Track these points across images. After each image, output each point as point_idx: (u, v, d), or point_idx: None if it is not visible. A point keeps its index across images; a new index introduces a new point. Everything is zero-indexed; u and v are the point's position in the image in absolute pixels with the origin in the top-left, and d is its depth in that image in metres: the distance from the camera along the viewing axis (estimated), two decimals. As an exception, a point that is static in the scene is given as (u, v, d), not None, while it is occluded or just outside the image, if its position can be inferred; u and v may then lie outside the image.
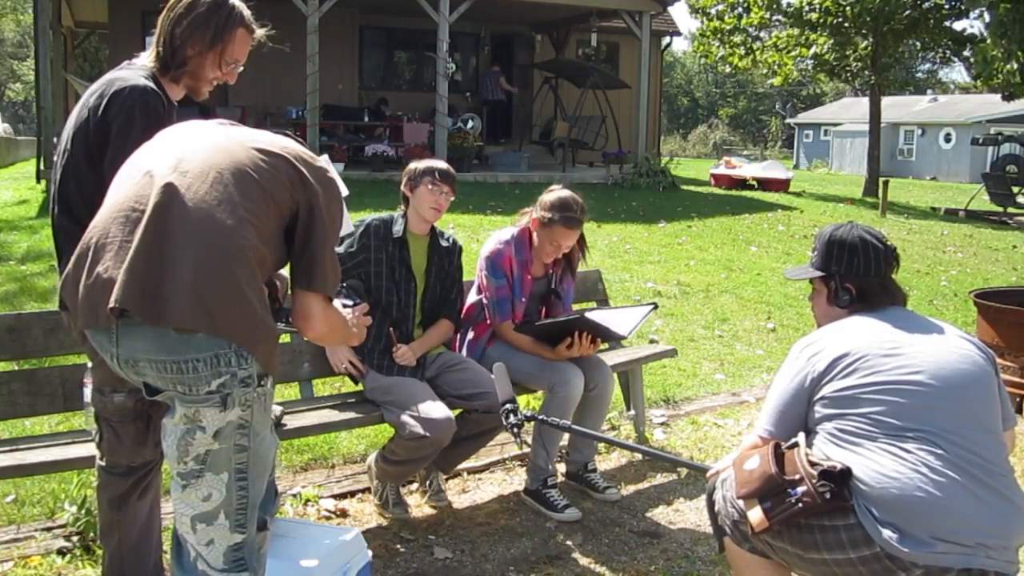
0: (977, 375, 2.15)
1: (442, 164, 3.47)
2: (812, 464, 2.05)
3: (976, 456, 2.03)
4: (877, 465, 2.01)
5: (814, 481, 2.00)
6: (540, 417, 2.87)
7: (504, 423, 2.66)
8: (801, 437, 2.14)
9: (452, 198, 3.42)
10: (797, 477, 2.03)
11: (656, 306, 3.95)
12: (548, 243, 3.56)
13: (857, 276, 2.35)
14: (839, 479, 2.01)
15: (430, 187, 3.35)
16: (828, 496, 1.99)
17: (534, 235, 3.61)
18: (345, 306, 2.22)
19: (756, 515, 2.07)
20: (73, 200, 2.35)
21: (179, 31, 2.37)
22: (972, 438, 2.05)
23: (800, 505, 2.00)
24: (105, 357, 1.93)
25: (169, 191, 1.83)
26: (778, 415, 2.24)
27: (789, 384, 2.23)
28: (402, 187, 3.45)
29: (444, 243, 3.51)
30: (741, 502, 2.16)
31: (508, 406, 2.67)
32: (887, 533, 1.96)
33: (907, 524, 1.96)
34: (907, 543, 1.95)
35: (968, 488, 1.98)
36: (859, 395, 2.09)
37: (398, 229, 3.39)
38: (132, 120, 2.28)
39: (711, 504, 2.36)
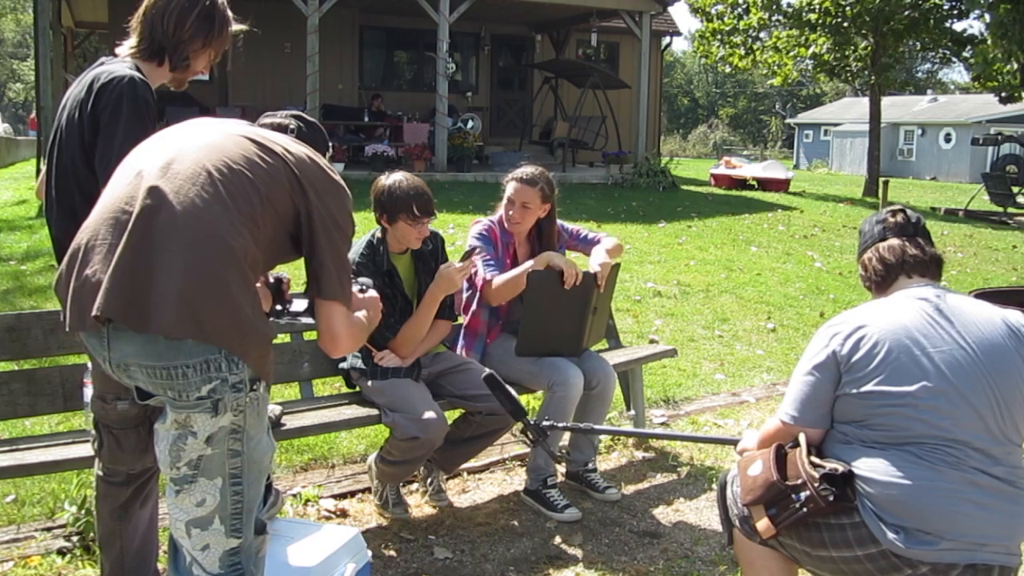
0: (1008, 368, 2.06)
1: (415, 189, 3.20)
2: (815, 466, 2.05)
3: (992, 463, 1.99)
4: (885, 468, 2.01)
5: (816, 485, 2.01)
6: (561, 425, 3.00)
7: (532, 440, 2.76)
8: (802, 437, 2.14)
9: (435, 218, 3.29)
10: (799, 482, 2.04)
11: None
12: (509, 203, 3.60)
13: (867, 249, 2.32)
14: (841, 481, 2.02)
15: (410, 223, 3.19)
16: (831, 499, 2.00)
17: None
18: (362, 290, 2.22)
19: (763, 523, 2.10)
20: (79, 209, 2.23)
21: (184, 28, 2.37)
22: (990, 449, 2.00)
23: (804, 510, 2.03)
24: (99, 360, 1.92)
25: (156, 194, 1.79)
26: (802, 399, 2.15)
27: (811, 363, 2.14)
28: (376, 215, 3.26)
29: (426, 246, 3.40)
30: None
31: (529, 422, 2.75)
32: (891, 534, 1.97)
33: (912, 525, 1.97)
34: (911, 542, 1.96)
35: (976, 501, 1.97)
36: (877, 403, 2.05)
37: (381, 261, 3.27)
38: (120, 111, 2.24)
39: (723, 497, 2.36)
